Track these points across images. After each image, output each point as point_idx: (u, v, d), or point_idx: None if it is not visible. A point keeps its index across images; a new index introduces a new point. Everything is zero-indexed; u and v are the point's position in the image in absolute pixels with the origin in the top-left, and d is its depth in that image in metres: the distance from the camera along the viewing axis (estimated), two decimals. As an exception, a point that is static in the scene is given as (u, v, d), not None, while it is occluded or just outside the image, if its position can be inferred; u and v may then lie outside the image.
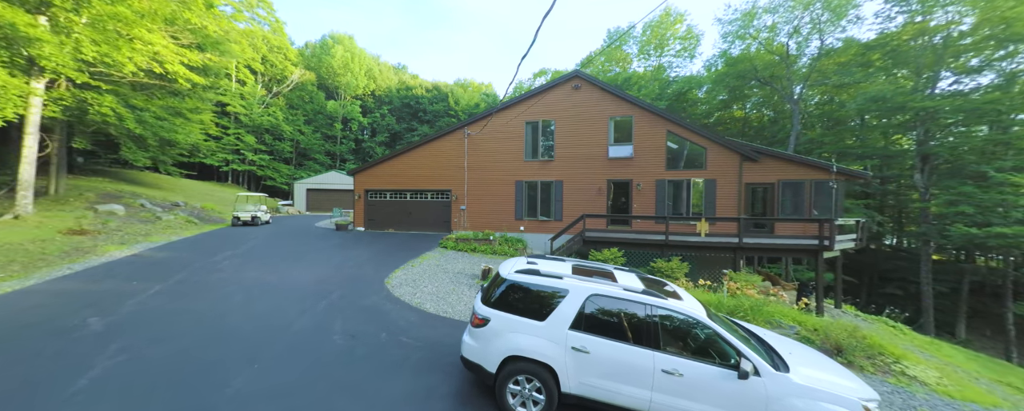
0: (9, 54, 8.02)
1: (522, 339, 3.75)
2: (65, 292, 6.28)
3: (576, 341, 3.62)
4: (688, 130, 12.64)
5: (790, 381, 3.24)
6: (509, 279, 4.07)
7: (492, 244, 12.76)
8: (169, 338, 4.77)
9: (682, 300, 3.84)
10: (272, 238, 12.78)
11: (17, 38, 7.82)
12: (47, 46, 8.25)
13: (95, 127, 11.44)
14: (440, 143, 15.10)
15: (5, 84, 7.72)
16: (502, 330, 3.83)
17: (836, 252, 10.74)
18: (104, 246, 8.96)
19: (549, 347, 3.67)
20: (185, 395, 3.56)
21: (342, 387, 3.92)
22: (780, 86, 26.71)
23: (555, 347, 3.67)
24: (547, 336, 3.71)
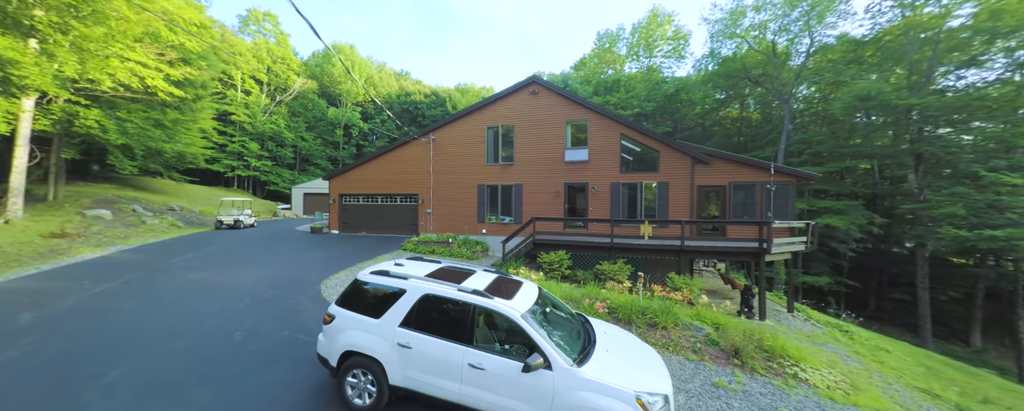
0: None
1: (358, 336, 4.05)
2: (19, 290, 7.02)
3: (402, 337, 3.89)
4: (640, 133, 12.71)
5: (575, 375, 3.44)
6: (358, 279, 4.42)
7: (451, 247, 13.14)
8: (82, 333, 5.35)
9: (514, 299, 3.94)
10: (244, 241, 13.55)
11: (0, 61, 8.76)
12: (27, 67, 9.19)
13: (81, 138, 12.56)
14: (408, 149, 15.64)
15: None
16: (344, 327, 4.15)
17: (787, 254, 10.62)
18: (79, 248, 9.84)
19: (379, 343, 3.96)
20: (61, 384, 4.08)
21: (210, 379, 4.34)
22: (771, 85, 26.16)
23: (384, 343, 3.96)
24: (379, 333, 3.99)
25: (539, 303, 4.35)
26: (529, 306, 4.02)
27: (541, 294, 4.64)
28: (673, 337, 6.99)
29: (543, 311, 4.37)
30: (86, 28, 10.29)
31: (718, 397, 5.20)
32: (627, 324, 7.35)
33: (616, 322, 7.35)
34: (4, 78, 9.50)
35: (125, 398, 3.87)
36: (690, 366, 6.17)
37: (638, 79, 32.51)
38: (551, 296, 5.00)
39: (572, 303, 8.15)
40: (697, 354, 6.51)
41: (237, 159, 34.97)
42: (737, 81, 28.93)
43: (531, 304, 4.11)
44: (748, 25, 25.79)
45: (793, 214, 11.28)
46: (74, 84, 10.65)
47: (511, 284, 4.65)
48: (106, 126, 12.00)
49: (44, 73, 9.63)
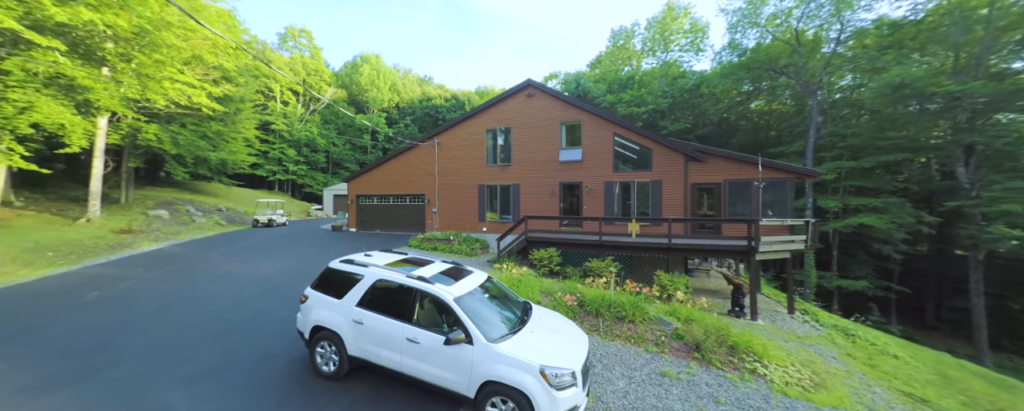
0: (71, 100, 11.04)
1: (325, 313, 4.86)
2: (92, 275, 8.70)
3: (356, 315, 4.64)
4: (632, 132, 12.76)
5: (491, 349, 3.98)
6: (329, 266, 5.24)
7: (451, 244, 13.96)
8: (127, 309, 6.68)
9: (453, 285, 4.50)
10: (273, 238, 15.25)
11: (76, 87, 10.78)
12: (99, 92, 11.20)
13: (144, 150, 14.90)
14: (415, 152, 16.71)
15: (70, 122, 10.70)
16: (314, 306, 4.98)
17: (784, 253, 10.28)
18: (140, 243, 11.77)
19: (340, 319, 4.74)
20: (104, 346, 5.27)
21: (210, 343, 5.38)
22: (797, 76, 24.58)
23: (343, 319, 4.73)
24: (340, 311, 4.77)
25: (479, 290, 4.88)
26: (465, 292, 4.57)
27: (485, 283, 5.17)
28: (639, 331, 7.24)
29: (489, 296, 4.92)
30: (144, 56, 12.26)
31: (660, 384, 5.49)
32: (595, 317, 7.69)
33: (585, 315, 7.72)
34: (84, 101, 11.59)
35: (152, 353, 4.97)
36: (646, 357, 6.44)
37: (654, 75, 31.73)
38: (500, 285, 5.53)
39: (547, 296, 8.59)
40: (659, 347, 6.75)
41: (277, 164, 38.45)
42: (761, 72, 27.41)
43: (468, 290, 4.64)
44: (770, 14, 24.46)
45: (792, 211, 10.86)
46: (136, 104, 12.79)
47: (458, 273, 5.24)
48: (162, 138, 14.24)
49: (112, 96, 11.67)
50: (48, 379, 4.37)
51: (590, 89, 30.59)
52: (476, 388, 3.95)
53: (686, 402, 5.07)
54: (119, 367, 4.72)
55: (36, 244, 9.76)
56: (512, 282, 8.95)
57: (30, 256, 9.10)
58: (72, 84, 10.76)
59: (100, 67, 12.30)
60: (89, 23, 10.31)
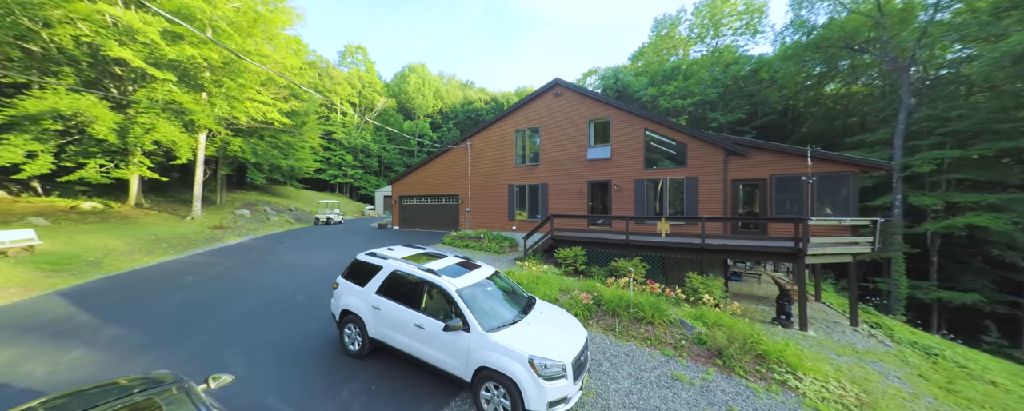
0: (180, 120, 13.68)
1: (351, 299, 5.57)
2: (191, 262, 10.75)
3: (375, 301, 5.27)
4: (665, 127, 12.10)
5: (486, 338, 4.28)
6: (356, 258, 5.96)
7: (481, 241, 14.52)
8: (214, 289, 8.21)
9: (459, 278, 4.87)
10: (329, 234, 17.21)
11: (183, 110, 13.35)
12: (198, 114, 13.73)
13: (231, 159, 17.89)
14: (450, 155, 17.63)
15: (179, 139, 13.29)
16: (343, 292, 5.73)
17: (845, 257, 9.04)
18: (228, 236, 14.18)
19: (362, 305, 5.41)
20: (196, 316, 6.60)
21: (269, 318, 6.46)
22: (883, 51, 21.04)
23: (365, 305, 5.39)
24: (363, 297, 5.45)
25: (485, 283, 5.18)
26: (469, 284, 4.92)
27: (492, 277, 5.48)
28: (657, 333, 7.04)
29: (495, 290, 5.25)
30: (231, 82, 14.70)
31: (668, 387, 5.36)
32: (612, 316, 7.61)
33: (602, 314, 7.67)
34: (190, 122, 14.25)
35: (227, 326, 6.16)
36: (660, 359, 6.28)
37: (703, 64, 29.35)
38: (508, 280, 5.80)
39: (565, 294, 8.66)
40: (677, 350, 6.52)
41: (337, 169, 42.90)
42: (835, 51, 23.92)
43: (472, 283, 4.98)
44: (847, -19, 21.19)
45: (855, 209, 9.46)
46: (225, 121, 15.48)
47: (467, 267, 5.61)
48: (245, 149, 17.03)
49: (208, 116, 14.22)
50: (153, 342, 5.66)
51: (630, 83, 29.29)
52: (472, 372, 4.28)
53: (694, 407, 4.89)
54: (202, 335, 5.91)
55: (156, 237, 12.34)
56: (532, 280, 9.15)
57: (151, 246, 11.55)
58: (180, 108, 13.36)
59: (200, 93, 15.08)
60: (191, 57, 12.66)
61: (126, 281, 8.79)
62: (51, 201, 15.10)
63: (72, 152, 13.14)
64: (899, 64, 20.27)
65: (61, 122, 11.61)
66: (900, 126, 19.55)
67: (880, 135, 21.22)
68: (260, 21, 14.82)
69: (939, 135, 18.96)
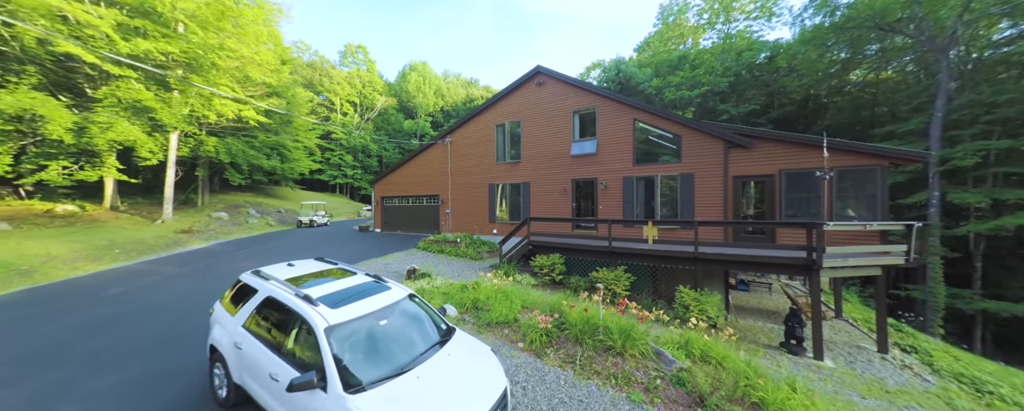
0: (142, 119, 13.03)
1: (218, 331, 4.27)
2: (135, 270, 9.97)
3: (239, 337, 3.91)
4: (656, 116, 10.59)
5: (344, 403, 3.02)
6: (239, 278, 4.78)
7: (458, 246, 13.35)
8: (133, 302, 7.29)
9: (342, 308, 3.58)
10: (304, 238, 16.37)
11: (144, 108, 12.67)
12: (161, 112, 13.04)
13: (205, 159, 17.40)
14: (430, 152, 16.51)
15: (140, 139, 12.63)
16: (216, 321, 4.49)
17: (873, 270, 7.40)
18: (192, 241, 13.48)
19: (227, 340, 4.14)
20: (73, 343, 5.62)
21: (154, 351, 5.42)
22: (918, 31, 18.70)
23: (229, 340, 4.14)
24: (229, 330, 4.13)
25: (383, 313, 3.89)
26: (352, 317, 3.52)
27: (399, 302, 4.16)
28: (627, 368, 5.67)
29: (405, 320, 3.99)
30: (198, 78, 13.97)
31: (625, 455, 4.01)
32: (575, 344, 6.28)
33: (562, 342, 6.35)
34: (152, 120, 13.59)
35: (95, 360, 5.14)
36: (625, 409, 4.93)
37: (714, 52, 27.28)
38: (424, 306, 4.46)
39: (527, 312, 7.41)
40: (648, 393, 5.15)
41: (337, 169, 42.59)
42: (862, 33, 21.57)
43: (359, 315, 3.58)
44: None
45: (884, 210, 7.78)
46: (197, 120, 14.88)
47: (367, 290, 4.29)
48: (219, 149, 16.46)
49: (173, 115, 13.53)
50: (0, 376, 4.69)
51: (633, 75, 27.51)
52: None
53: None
54: (60, 370, 4.92)
55: (110, 242, 11.72)
56: (493, 294, 7.91)
57: (100, 252, 10.88)
58: (142, 106, 12.70)
59: (171, 92, 14.46)
60: (147, 52, 11.91)
61: (47, 293, 8.01)
62: (30, 204, 14.80)
63: (33, 154, 12.66)
64: (937, 44, 17.95)
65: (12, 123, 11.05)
66: (938, 114, 17.27)
67: (913, 125, 18.89)
68: (228, 14, 14.07)
69: (984, 123, 16.63)
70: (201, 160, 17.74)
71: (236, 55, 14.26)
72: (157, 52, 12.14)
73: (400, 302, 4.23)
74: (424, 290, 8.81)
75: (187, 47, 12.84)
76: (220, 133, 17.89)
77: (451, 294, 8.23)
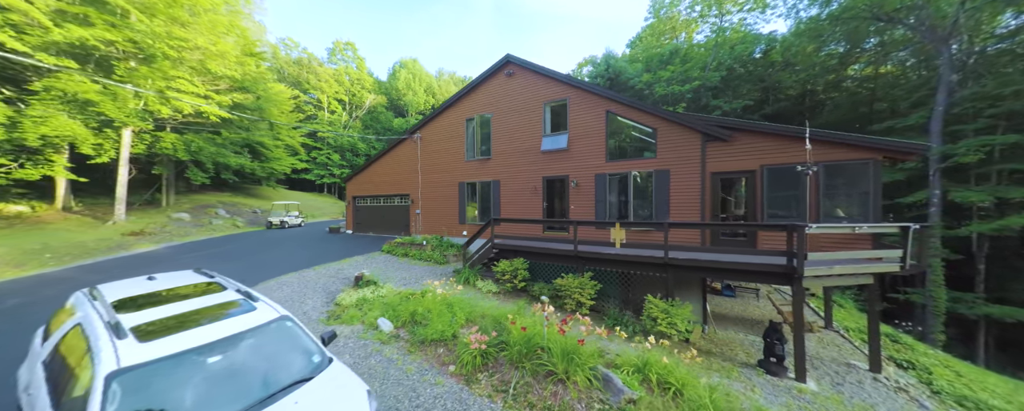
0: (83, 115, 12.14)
1: (23, 368, 3.44)
2: (57, 278, 9.08)
3: (34, 379, 2.99)
4: (630, 108, 9.67)
5: None
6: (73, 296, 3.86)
7: (423, 249, 12.46)
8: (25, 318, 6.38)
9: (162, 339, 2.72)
10: (265, 240, 15.43)
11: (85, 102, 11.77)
12: (106, 105, 12.13)
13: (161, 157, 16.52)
14: (401, 148, 15.60)
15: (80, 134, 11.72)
16: (31, 353, 3.60)
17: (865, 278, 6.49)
18: (140, 244, 12.59)
19: (23, 382, 3.27)
20: None
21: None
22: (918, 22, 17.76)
23: (24, 383, 3.24)
24: (30, 368, 3.24)
25: (215, 348, 2.96)
26: (161, 355, 2.58)
27: (248, 332, 3.24)
28: (566, 399, 4.77)
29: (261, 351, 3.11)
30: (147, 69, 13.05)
31: None
32: (513, 368, 5.39)
33: (498, 365, 5.45)
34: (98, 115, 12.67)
35: None
36: (553, 453, 4.02)
37: (707, 46, 26.35)
38: (292, 333, 3.53)
39: (470, 327, 6.54)
40: (589, 432, 4.24)
41: (324, 169, 41.68)
42: (860, 24, 20.64)
43: (174, 351, 2.65)
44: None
45: (877, 209, 6.86)
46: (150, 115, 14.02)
47: (220, 314, 3.36)
48: (177, 146, 15.57)
49: (119, 109, 12.61)
50: None
51: (623, 70, 26.60)
52: None
53: None
54: None
55: (43, 245, 10.85)
56: (436, 306, 7.03)
57: (28, 257, 10.01)
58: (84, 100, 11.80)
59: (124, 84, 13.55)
60: (82, 39, 11.01)
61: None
62: (-21, 205, 13.95)
63: (-35, 151, 11.78)
64: (937, 35, 17.01)
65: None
66: (939, 108, 16.34)
67: (914, 120, 17.95)
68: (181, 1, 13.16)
69: (988, 117, 15.69)
70: (158, 158, 16.86)
71: (189, 45, 13.38)
72: (95, 40, 11.23)
73: (256, 330, 3.31)
74: (366, 300, 7.96)
75: (132, 35, 11.94)
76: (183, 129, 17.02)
77: (393, 305, 7.36)
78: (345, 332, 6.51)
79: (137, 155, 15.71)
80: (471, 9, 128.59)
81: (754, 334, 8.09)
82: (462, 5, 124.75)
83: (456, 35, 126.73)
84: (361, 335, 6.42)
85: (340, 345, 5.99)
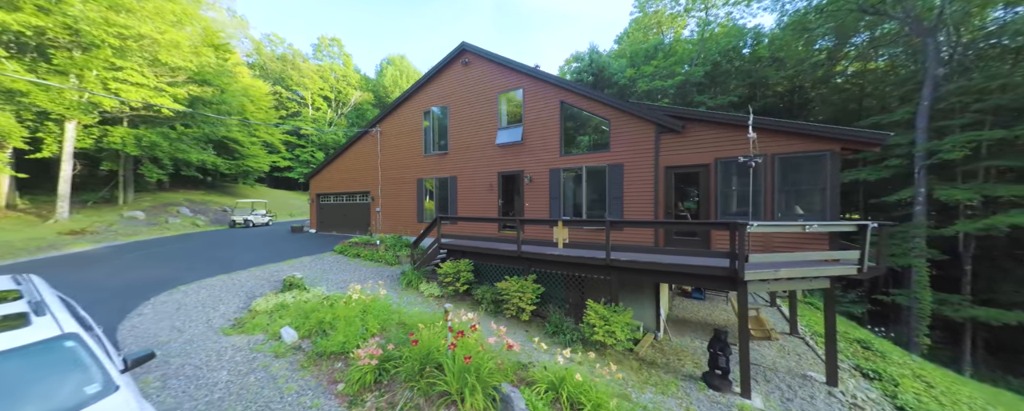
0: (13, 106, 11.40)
1: None
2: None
3: None
4: (584, 97, 9.00)
5: None
6: None
7: (376, 249, 11.79)
8: None
9: None
10: (219, 240, 14.65)
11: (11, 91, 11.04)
12: (37, 95, 11.40)
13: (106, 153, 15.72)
14: (362, 143, 14.91)
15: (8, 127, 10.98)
16: None
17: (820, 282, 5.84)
18: (76, 244, 11.88)
19: None
20: None
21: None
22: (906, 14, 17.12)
23: None
24: None
25: None
26: None
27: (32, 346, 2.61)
28: (457, 422, 4.09)
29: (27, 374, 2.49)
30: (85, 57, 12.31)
31: None
32: (405, 388, 4.71)
33: (390, 384, 4.77)
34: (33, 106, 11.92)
35: None
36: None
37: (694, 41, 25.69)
38: (70, 351, 2.88)
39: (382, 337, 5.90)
40: (468, 467, 3.58)
41: (308, 167, 40.87)
42: (846, 16, 20.02)
43: None
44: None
45: (835, 208, 6.20)
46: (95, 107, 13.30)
47: None
48: (126, 141, 14.85)
49: (53, 101, 11.87)
50: None
51: (607, 65, 25.89)
52: None
53: None
54: None
55: (-38, 246, 10.15)
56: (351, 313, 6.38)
57: (-61, 258, 9.31)
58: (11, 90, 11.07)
59: (66, 75, 12.83)
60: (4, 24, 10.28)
61: None
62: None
63: None
64: (923, 27, 16.41)
65: None
66: (924, 103, 15.73)
67: (899, 115, 17.33)
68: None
69: (974, 112, 15.10)
70: (106, 153, 16.11)
71: (132, 33, 12.65)
72: (20, 26, 10.49)
73: (16, 351, 2.64)
74: (284, 305, 7.28)
75: (67, 21, 11.20)
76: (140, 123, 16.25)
77: (309, 311, 6.69)
78: (239, 344, 5.84)
79: (84, 150, 14.98)
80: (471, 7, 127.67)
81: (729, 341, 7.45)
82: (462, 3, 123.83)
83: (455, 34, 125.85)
84: (256, 347, 5.74)
85: (226, 359, 5.32)
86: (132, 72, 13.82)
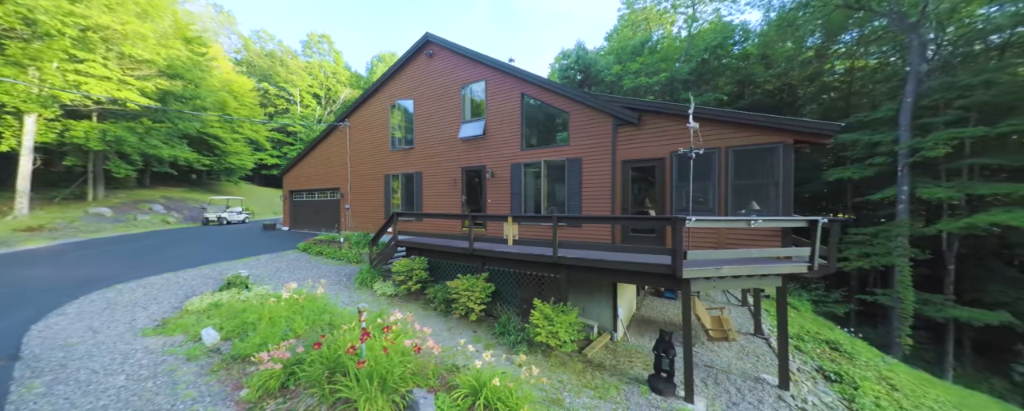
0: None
1: None
2: None
3: None
4: (543, 89, 8.67)
5: None
6: None
7: (340, 247, 11.45)
8: None
9: None
10: (188, 237, 14.30)
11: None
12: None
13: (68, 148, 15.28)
14: (332, 138, 14.55)
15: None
16: None
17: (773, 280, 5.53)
18: (31, 241, 11.52)
19: None
20: None
21: None
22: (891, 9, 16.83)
23: None
24: None
25: None
26: None
27: None
28: (354, 432, 3.76)
29: None
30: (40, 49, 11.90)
31: None
32: (308, 391, 4.37)
33: (297, 391, 4.43)
34: None
35: None
36: None
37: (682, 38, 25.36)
38: None
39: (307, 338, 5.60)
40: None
41: (296, 164, 40.52)
42: (830, 12, 19.73)
43: None
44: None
45: (788, 203, 5.89)
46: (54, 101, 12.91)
47: None
48: (90, 136, 14.45)
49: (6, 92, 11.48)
50: None
51: (594, 61, 25.58)
52: None
53: None
54: None
55: (-96, 242, 9.77)
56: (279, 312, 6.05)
57: None
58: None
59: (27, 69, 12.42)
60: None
61: None
62: None
63: None
64: (906, 23, 16.13)
65: None
66: (908, 99, 15.44)
67: (882, 113, 17.04)
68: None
69: (958, 109, 14.81)
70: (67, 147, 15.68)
71: (89, 23, 12.26)
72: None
73: None
74: (218, 305, 6.96)
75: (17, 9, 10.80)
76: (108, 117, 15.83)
77: (240, 311, 6.36)
78: (153, 346, 5.50)
79: (46, 144, 14.57)
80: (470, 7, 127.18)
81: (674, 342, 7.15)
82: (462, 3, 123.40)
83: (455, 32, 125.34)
84: (170, 350, 5.40)
85: (129, 363, 4.97)
86: (95, 65, 13.43)
